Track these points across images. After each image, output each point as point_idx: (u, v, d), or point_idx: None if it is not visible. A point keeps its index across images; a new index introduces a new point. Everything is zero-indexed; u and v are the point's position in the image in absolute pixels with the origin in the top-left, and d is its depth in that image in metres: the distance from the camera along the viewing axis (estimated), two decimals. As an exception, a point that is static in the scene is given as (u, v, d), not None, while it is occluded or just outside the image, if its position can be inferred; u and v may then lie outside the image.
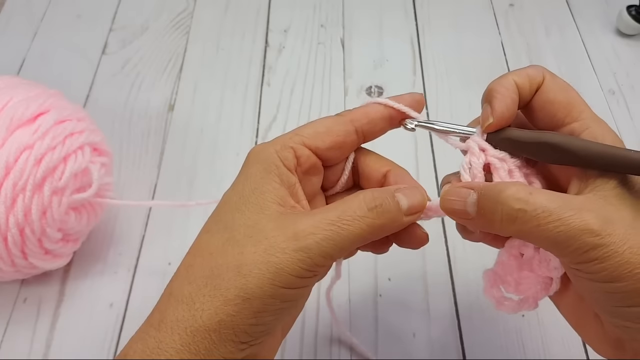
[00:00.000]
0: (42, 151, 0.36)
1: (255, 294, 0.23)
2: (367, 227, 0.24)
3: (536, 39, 0.62)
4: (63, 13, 0.63)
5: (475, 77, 0.58)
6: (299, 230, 0.24)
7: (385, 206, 0.25)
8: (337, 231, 0.24)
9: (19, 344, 0.40)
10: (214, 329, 0.23)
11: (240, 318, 0.23)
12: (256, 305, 0.23)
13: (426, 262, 0.45)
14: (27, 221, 0.36)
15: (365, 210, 0.24)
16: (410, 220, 0.26)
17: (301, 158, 0.26)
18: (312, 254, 0.23)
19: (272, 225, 0.24)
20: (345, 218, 0.24)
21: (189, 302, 0.24)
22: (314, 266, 0.24)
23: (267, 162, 0.26)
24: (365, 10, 0.64)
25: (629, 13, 0.60)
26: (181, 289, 0.25)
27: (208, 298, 0.24)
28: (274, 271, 0.23)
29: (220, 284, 0.24)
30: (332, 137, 0.27)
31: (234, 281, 0.24)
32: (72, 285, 0.43)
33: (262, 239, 0.24)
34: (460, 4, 0.65)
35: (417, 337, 0.41)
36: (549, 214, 0.22)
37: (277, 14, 0.64)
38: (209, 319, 0.23)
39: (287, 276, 0.23)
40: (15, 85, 0.39)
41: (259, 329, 0.24)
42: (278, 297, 0.24)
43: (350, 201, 0.25)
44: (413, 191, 0.26)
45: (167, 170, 0.50)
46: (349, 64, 0.59)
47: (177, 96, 0.56)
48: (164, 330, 0.24)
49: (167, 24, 0.62)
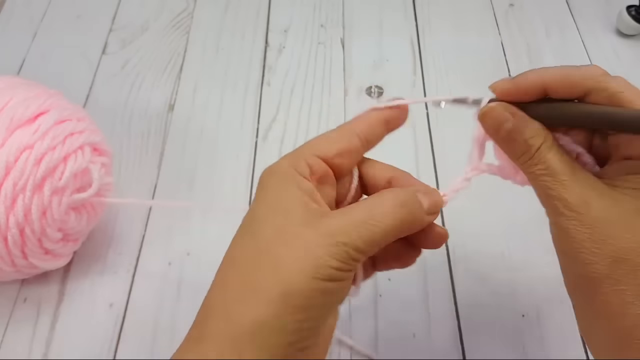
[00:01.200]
0: (42, 151, 0.36)
1: (298, 289, 0.23)
2: (398, 222, 0.25)
3: (536, 39, 0.62)
4: (63, 13, 0.63)
5: (475, 77, 0.58)
6: (331, 227, 0.24)
7: (410, 204, 0.26)
8: (368, 227, 0.24)
9: (18, 344, 0.40)
10: (257, 333, 0.23)
11: (285, 316, 0.23)
12: (300, 301, 0.23)
13: (426, 262, 0.45)
14: (27, 221, 0.36)
15: (394, 206, 0.25)
16: (430, 219, 0.27)
17: (314, 167, 0.27)
18: (348, 247, 0.24)
19: (302, 226, 0.24)
20: (376, 214, 0.25)
21: (226, 310, 0.23)
22: (350, 260, 0.24)
23: (282, 174, 0.26)
24: (365, 10, 0.64)
25: (629, 13, 0.60)
26: (216, 300, 0.24)
27: (248, 302, 0.23)
28: (314, 264, 0.23)
29: (258, 287, 0.23)
30: (338, 144, 0.27)
31: (274, 280, 0.23)
32: (72, 285, 0.43)
33: (295, 239, 0.24)
34: (460, 4, 0.65)
35: (417, 337, 0.41)
36: (546, 167, 0.26)
37: (277, 14, 0.64)
38: (250, 323, 0.23)
39: (327, 268, 0.23)
40: (15, 85, 0.39)
41: (306, 326, 0.24)
42: (320, 291, 0.23)
43: (378, 198, 0.26)
44: (431, 192, 0.28)
45: (167, 170, 0.50)
46: (349, 64, 0.59)
47: (177, 96, 0.56)
48: (205, 343, 0.23)
49: (167, 24, 0.62)
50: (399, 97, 0.29)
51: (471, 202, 0.27)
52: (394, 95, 0.30)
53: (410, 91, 0.57)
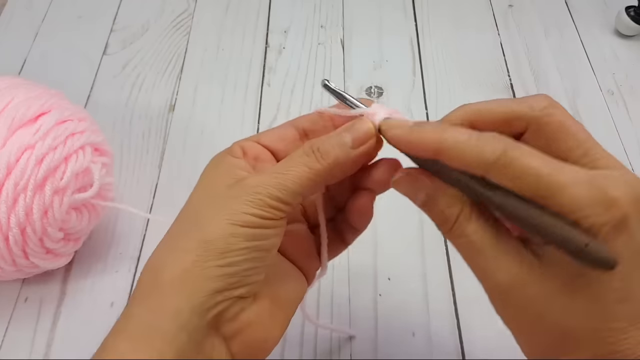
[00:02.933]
0: (43, 151, 0.37)
1: (215, 235, 0.24)
2: (309, 169, 0.25)
3: (535, 39, 0.62)
4: (64, 14, 0.63)
5: (474, 77, 0.58)
6: (249, 182, 0.25)
7: (323, 148, 0.26)
8: (281, 176, 0.25)
9: (19, 344, 0.40)
10: (178, 280, 0.24)
11: (204, 262, 0.24)
12: (220, 246, 0.24)
13: (426, 262, 0.45)
14: (29, 221, 0.36)
15: (303, 155, 0.26)
16: (360, 152, 0.26)
17: (246, 147, 0.28)
18: (262, 195, 0.25)
19: (225, 188, 0.26)
20: (288, 164, 0.26)
21: (153, 269, 0.25)
22: (267, 207, 0.25)
23: (217, 158, 0.28)
24: (365, 11, 0.65)
25: (627, 14, 0.61)
26: (148, 261, 0.26)
27: (169, 255, 0.25)
28: (230, 213, 0.24)
29: (180, 240, 0.25)
30: (273, 131, 0.29)
31: (194, 233, 0.24)
32: (73, 285, 0.43)
33: (216, 198, 0.25)
34: (460, 5, 0.65)
35: (416, 336, 0.42)
36: (469, 242, 0.24)
37: (277, 15, 0.64)
38: (170, 273, 0.24)
39: (243, 215, 0.24)
40: (17, 85, 0.39)
41: (230, 271, 0.24)
42: (240, 235, 0.24)
43: (294, 151, 0.26)
44: (355, 125, 0.27)
45: (168, 170, 0.50)
46: (349, 64, 0.59)
47: (178, 96, 0.56)
48: (134, 302, 0.25)
49: (168, 24, 0.62)
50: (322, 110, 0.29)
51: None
52: (394, 97, 0.30)
53: (410, 91, 0.57)
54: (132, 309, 0.24)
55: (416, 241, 0.47)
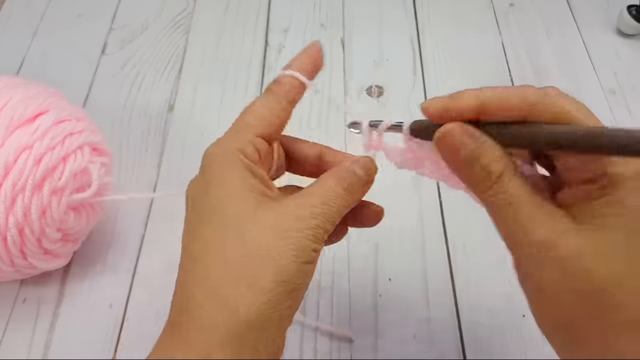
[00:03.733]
0: (41, 151, 0.36)
1: (289, 275, 0.24)
2: (346, 203, 0.27)
3: (537, 38, 0.62)
4: (63, 13, 0.63)
5: (475, 76, 0.58)
6: (300, 212, 0.25)
7: (352, 182, 0.27)
8: (329, 208, 0.26)
9: (18, 344, 0.40)
10: (255, 324, 0.23)
11: (280, 303, 0.24)
12: (290, 287, 0.24)
13: (426, 262, 0.45)
14: (27, 221, 0.36)
15: (342, 190, 0.27)
16: (369, 188, 0.28)
17: (261, 152, 0.27)
18: (320, 229, 0.25)
19: (269, 211, 0.25)
20: (331, 196, 0.26)
21: (221, 301, 0.23)
22: (321, 241, 0.25)
23: (233, 160, 0.26)
24: (365, 10, 0.64)
25: (629, 13, 0.60)
26: (203, 290, 0.24)
27: (242, 291, 0.23)
28: (298, 249, 0.24)
29: (247, 274, 0.23)
30: (277, 119, 0.28)
31: (266, 267, 0.24)
32: (72, 286, 0.43)
33: (270, 224, 0.25)
34: (461, 4, 0.65)
35: (417, 337, 0.41)
36: (509, 197, 0.23)
37: (277, 14, 0.64)
38: (247, 314, 0.23)
39: (308, 251, 0.24)
40: (15, 85, 0.39)
41: (293, 310, 0.25)
42: (304, 274, 0.24)
43: (328, 180, 0.27)
44: (363, 160, 0.28)
45: (167, 170, 0.50)
46: (349, 64, 0.59)
47: (177, 96, 0.56)
48: (204, 335, 0.23)
49: (167, 23, 0.62)
50: None
51: (471, 201, 0.27)
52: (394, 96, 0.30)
53: (410, 90, 0.57)
54: (201, 340, 0.23)
55: (416, 241, 0.46)
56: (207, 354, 0.23)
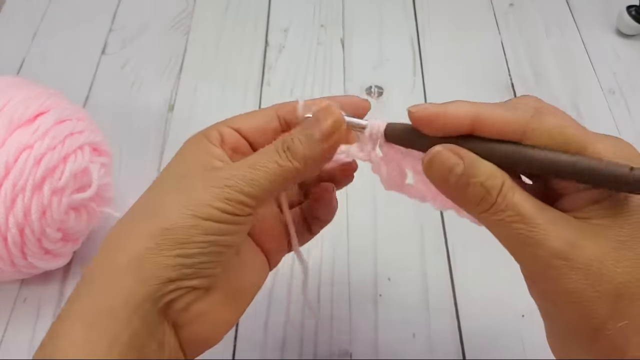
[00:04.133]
0: (41, 151, 0.36)
1: (176, 223, 0.23)
2: (280, 167, 0.25)
3: (536, 38, 0.62)
4: (63, 13, 0.63)
5: (475, 76, 0.58)
6: (219, 175, 0.25)
7: (293, 147, 0.25)
8: (252, 171, 0.25)
9: (18, 344, 0.40)
10: (132, 265, 0.23)
11: (161, 250, 0.23)
12: (179, 236, 0.23)
13: (426, 262, 0.45)
14: (27, 221, 0.36)
15: (274, 152, 0.25)
16: (331, 145, 0.26)
17: (224, 135, 0.27)
18: (231, 189, 0.24)
19: (195, 177, 0.25)
20: (257, 160, 0.25)
21: (108, 250, 0.24)
22: (235, 202, 0.24)
23: (193, 141, 0.27)
24: (365, 11, 0.64)
25: (629, 13, 0.60)
26: (104, 241, 0.25)
27: (128, 238, 0.24)
28: (195, 203, 0.24)
29: (139, 224, 0.24)
30: (254, 119, 0.28)
31: (155, 217, 0.24)
32: (72, 285, 0.43)
33: (183, 184, 0.25)
34: (460, 4, 0.65)
35: (416, 337, 0.41)
36: (516, 212, 0.23)
37: (277, 14, 0.64)
38: (128, 256, 0.23)
39: (208, 207, 0.24)
40: (15, 85, 0.39)
41: (187, 262, 0.24)
42: (202, 229, 0.24)
43: (266, 147, 0.26)
44: (322, 113, 0.26)
45: (167, 170, 0.50)
46: (349, 64, 0.59)
47: (177, 96, 0.56)
48: (91, 283, 0.24)
49: (167, 24, 0.62)
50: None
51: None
52: (394, 96, 0.29)
53: (410, 91, 0.57)
54: (83, 289, 0.24)
55: (416, 241, 0.46)
56: (89, 294, 0.23)
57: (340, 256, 0.45)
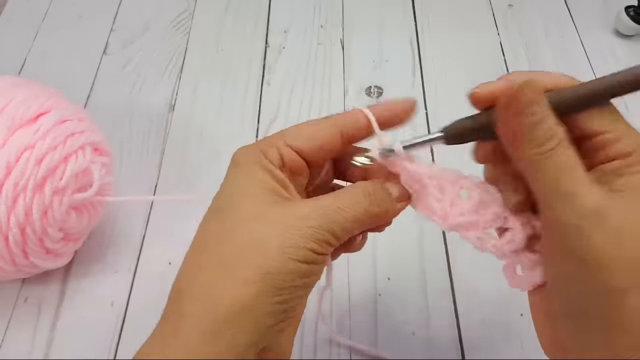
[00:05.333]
0: (43, 151, 0.37)
1: (275, 269, 0.23)
2: (365, 211, 0.26)
3: (535, 39, 0.62)
4: (64, 13, 0.63)
5: (474, 76, 0.58)
6: (305, 211, 0.25)
7: (377, 194, 0.27)
8: (339, 213, 0.25)
9: (19, 344, 0.41)
10: (237, 315, 0.23)
11: (263, 297, 0.23)
12: (277, 282, 0.23)
13: (425, 262, 0.45)
14: (28, 221, 0.36)
15: (362, 197, 0.26)
16: (402, 207, 0.29)
17: (285, 158, 0.27)
18: (322, 230, 0.24)
19: (276, 210, 0.25)
20: (346, 203, 0.26)
21: (203, 291, 0.23)
22: (324, 242, 0.25)
23: (254, 160, 0.26)
24: (365, 11, 0.64)
25: (627, 14, 0.61)
26: (192, 282, 0.24)
27: (225, 283, 0.23)
28: (292, 246, 0.24)
29: (235, 266, 0.23)
30: (316, 140, 0.27)
31: (252, 260, 0.23)
32: (73, 285, 0.43)
33: (271, 221, 0.24)
34: (459, 5, 0.65)
35: (416, 336, 0.42)
36: (568, 162, 0.23)
37: (277, 15, 0.64)
38: (230, 305, 0.23)
39: (304, 250, 0.24)
40: (16, 85, 0.39)
41: (283, 308, 0.24)
42: (298, 273, 0.24)
43: (348, 189, 0.27)
44: (397, 179, 0.28)
45: (168, 170, 0.50)
46: (349, 64, 0.59)
47: (178, 96, 0.56)
48: (184, 331, 0.23)
49: (168, 24, 0.62)
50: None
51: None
52: (394, 96, 0.30)
53: (409, 91, 0.57)
54: (180, 330, 0.23)
55: (416, 241, 0.47)
56: (187, 342, 0.23)
57: (340, 256, 0.46)
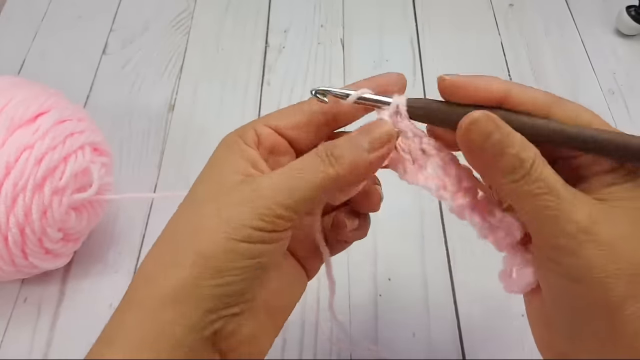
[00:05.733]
0: (42, 151, 0.36)
1: (212, 251, 0.22)
2: (323, 174, 0.23)
3: (536, 39, 0.62)
4: (64, 13, 0.63)
5: (475, 77, 0.58)
6: (255, 187, 0.23)
7: (337, 152, 0.24)
8: (291, 181, 0.23)
9: (19, 344, 0.41)
10: (175, 299, 0.22)
11: (201, 280, 0.22)
12: (216, 263, 0.22)
13: (426, 262, 0.45)
14: (28, 221, 0.36)
15: (316, 158, 0.24)
16: (378, 156, 0.24)
17: (261, 136, 0.26)
18: (268, 203, 0.23)
19: (230, 189, 0.24)
20: (299, 168, 0.24)
21: (149, 276, 0.23)
22: (272, 217, 0.23)
23: (228, 142, 0.26)
24: (365, 11, 0.64)
25: (628, 13, 0.61)
26: (142, 267, 0.24)
27: (167, 268, 0.23)
28: (231, 225, 0.22)
29: (177, 250, 0.23)
30: (294, 116, 0.26)
31: (190, 243, 0.23)
32: (73, 285, 0.43)
33: (218, 201, 0.23)
34: (460, 4, 0.65)
35: (416, 336, 0.42)
36: (545, 185, 0.23)
37: (277, 14, 0.64)
38: (167, 288, 0.22)
39: (245, 228, 0.22)
40: (16, 85, 0.39)
41: (225, 291, 0.23)
42: (239, 253, 0.22)
43: (306, 154, 0.24)
44: (374, 124, 0.25)
45: (167, 170, 0.50)
46: (349, 64, 0.59)
47: (178, 96, 0.56)
48: (128, 312, 0.23)
49: (168, 24, 0.62)
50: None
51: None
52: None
53: (410, 91, 0.56)
54: (123, 317, 0.23)
55: (416, 241, 0.47)
56: (128, 330, 0.23)
57: (340, 256, 0.45)
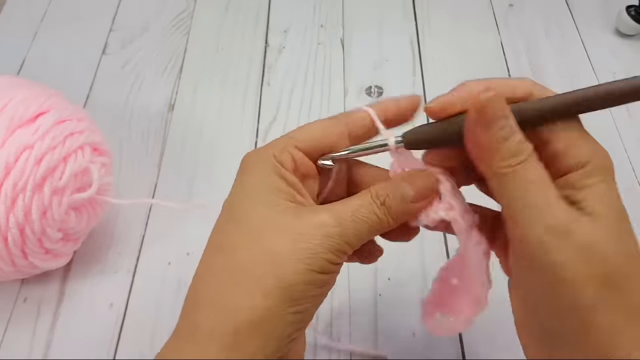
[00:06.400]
0: (42, 151, 0.36)
1: (293, 281, 0.23)
2: (378, 222, 0.25)
3: (536, 39, 0.62)
4: (63, 13, 0.63)
5: (474, 77, 0.58)
6: (322, 220, 0.24)
7: (388, 202, 0.26)
8: (357, 225, 0.25)
9: (19, 344, 0.40)
10: (255, 326, 0.23)
11: (281, 308, 0.23)
12: (295, 293, 0.23)
13: (426, 262, 0.45)
14: (27, 221, 0.36)
15: (373, 205, 0.25)
16: (421, 206, 0.27)
17: (298, 161, 0.26)
18: (341, 239, 0.24)
19: (291, 217, 0.24)
20: (361, 211, 0.25)
21: (221, 304, 0.23)
22: (341, 252, 0.25)
23: (266, 165, 0.26)
24: (365, 11, 0.64)
25: (628, 13, 0.61)
26: (207, 292, 0.24)
27: (241, 294, 0.23)
28: (309, 256, 0.23)
29: (252, 276, 0.23)
30: (325, 141, 0.27)
31: (269, 270, 0.23)
32: (72, 285, 0.43)
33: (286, 229, 0.24)
34: (460, 4, 0.65)
35: (416, 336, 0.42)
36: (537, 176, 0.24)
37: (277, 14, 0.64)
38: (248, 318, 0.23)
39: (321, 260, 0.24)
40: (16, 85, 0.39)
41: (299, 318, 0.24)
42: (315, 283, 0.24)
43: (361, 196, 0.26)
44: (417, 178, 0.27)
45: (167, 170, 0.50)
46: (349, 64, 0.59)
47: (177, 96, 0.56)
48: (201, 341, 0.23)
49: (167, 24, 0.62)
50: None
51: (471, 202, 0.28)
52: (394, 95, 0.29)
53: (410, 91, 0.57)
54: (185, 346, 0.23)
55: (416, 241, 0.46)
56: (204, 351, 0.23)
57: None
